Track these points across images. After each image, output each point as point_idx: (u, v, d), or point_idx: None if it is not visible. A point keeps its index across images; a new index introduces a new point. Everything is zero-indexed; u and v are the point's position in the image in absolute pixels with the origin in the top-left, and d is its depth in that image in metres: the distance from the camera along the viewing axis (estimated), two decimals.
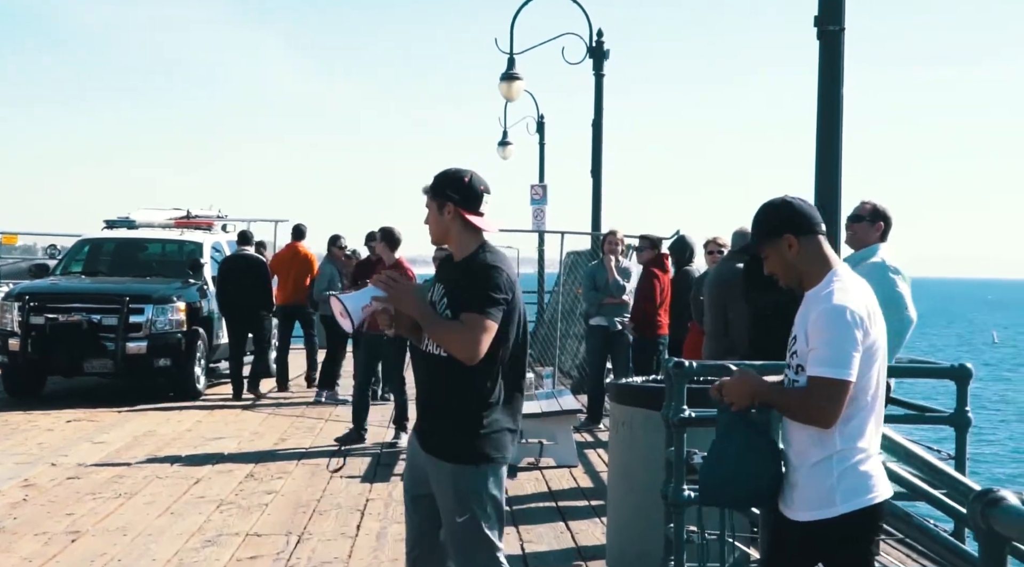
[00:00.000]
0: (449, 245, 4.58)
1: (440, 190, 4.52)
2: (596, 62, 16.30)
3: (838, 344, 3.60)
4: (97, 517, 8.07)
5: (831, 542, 3.71)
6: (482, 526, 4.43)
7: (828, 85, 6.52)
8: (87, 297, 14.31)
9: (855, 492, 3.67)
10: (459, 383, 4.42)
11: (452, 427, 4.45)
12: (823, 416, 3.63)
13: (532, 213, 23.28)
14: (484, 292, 4.34)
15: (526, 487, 9.43)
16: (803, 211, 3.81)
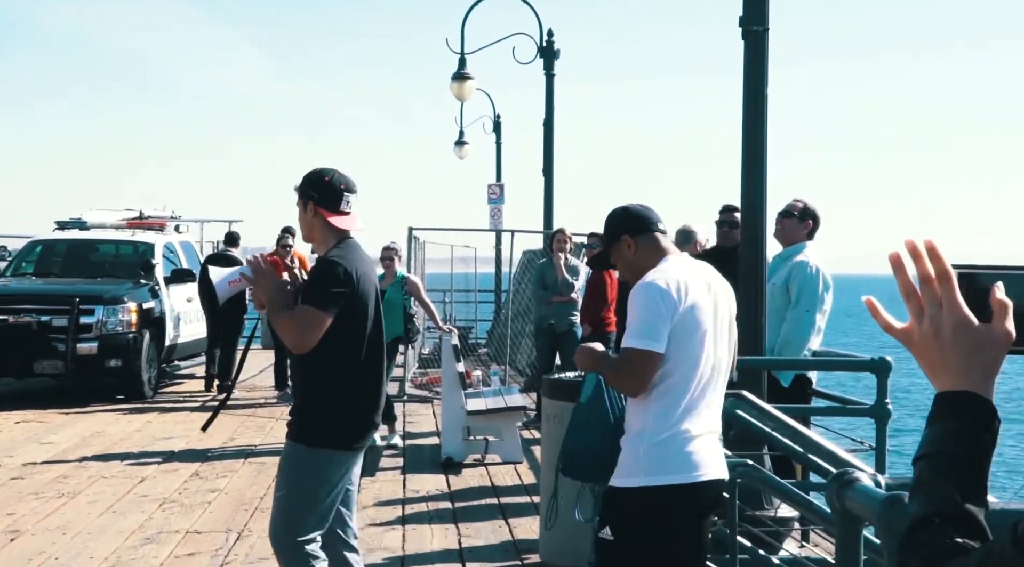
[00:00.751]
0: (314, 243, 4.84)
1: (303, 189, 4.73)
2: (547, 62, 16.42)
3: (641, 317, 3.80)
4: (38, 516, 8.10)
5: (630, 512, 3.86)
6: (294, 504, 4.62)
7: (753, 84, 6.62)
8: (37, 298, 14.29)
9: (661, 468, 3.80)
10: (306, 369, 4.71)
11: (296, 407, 4.76)
12: (629, 384, 3.85)
13: (489, 212, 23.36)
14: (320, 285, 4.60)
15: (470, 482, 9.52)
16: (637, 214, 4.11)
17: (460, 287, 25.67)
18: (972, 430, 1.40)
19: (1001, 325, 1.42)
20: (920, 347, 1.46)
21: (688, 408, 3.84)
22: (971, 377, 1.41)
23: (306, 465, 4.65)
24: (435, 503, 8.76)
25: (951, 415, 1.42)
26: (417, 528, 7.92)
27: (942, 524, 1.37)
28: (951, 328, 1.42)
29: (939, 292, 1.44)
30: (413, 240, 17.00)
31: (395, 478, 9.73)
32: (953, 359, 1.42)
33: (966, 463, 1.40)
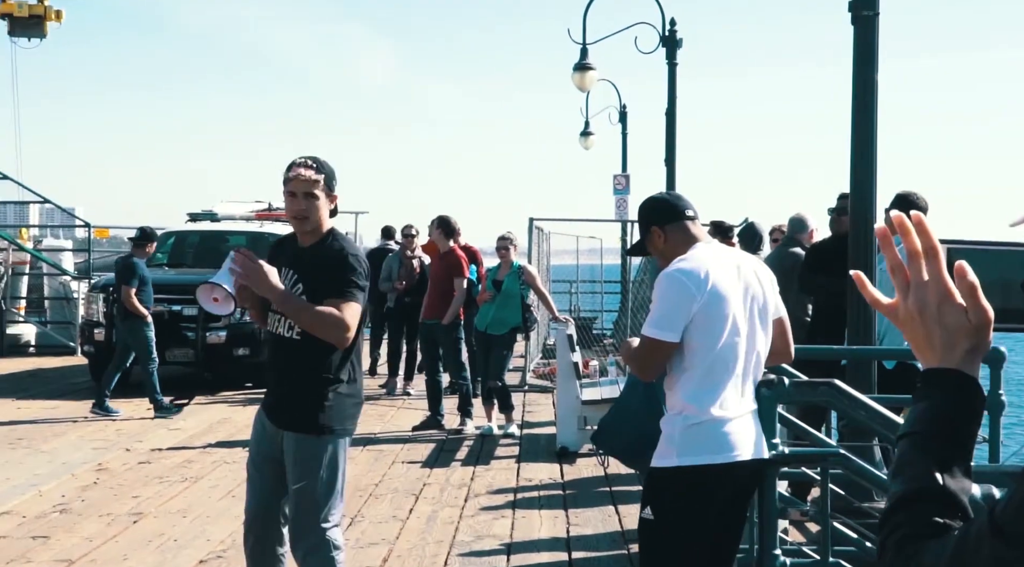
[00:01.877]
0: (311, 232, 4.68)
1: (330, 182, 4.69)
2: (669, 51, 16.25)
3: (659, 306, 3.89)
4: (161, 500, 8.35)
5: (667, 492, 3.94)
6: (317, 490, 4.64)
7: (862, 69, 6.50)
8: (169, 288, 14.66)
9: (696, 449, 3.88)
10: (308, 362, 4.64)
11: (300, 402, 4.66)
12: (640, 370, 4.01)
13: (615, 203, 23.29)
14: (351, 279, 4.56)
15: (583, 472, 9.53)
16: (664, 204, 4.18)
17: (586, 278, 25.66)
18: (956, 408, 1.39)
19: (976, 303, 1.39)
20: (906, 323, 1.44)
21: (719, 390, 3.91)
22: (956, 354, 1.40)
23: (332, 455, 4.68)
24: (547, 491, 8.79)
25: (936, 393, 1.40)
26: (527, 515, 7.96)
27: (922, 504, 1.35)
28: (936, 304, 1.40)
29: (925, 267, 1.42)
30: (536, 231, 17.05)
31: (509, 466, 9.79)
32: (938, 336, 1.40)
33: (948, 441, 1.38)
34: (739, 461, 3.94)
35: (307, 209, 4.63)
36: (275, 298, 4.52)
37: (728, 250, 4.22)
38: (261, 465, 4.84)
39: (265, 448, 4.82)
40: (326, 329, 4.51)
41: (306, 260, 4.67)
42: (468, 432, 11.41)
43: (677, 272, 3.89)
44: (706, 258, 3.96)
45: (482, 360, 11.52)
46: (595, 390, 10.74)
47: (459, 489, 8.81)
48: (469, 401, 11.60)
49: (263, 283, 4.47)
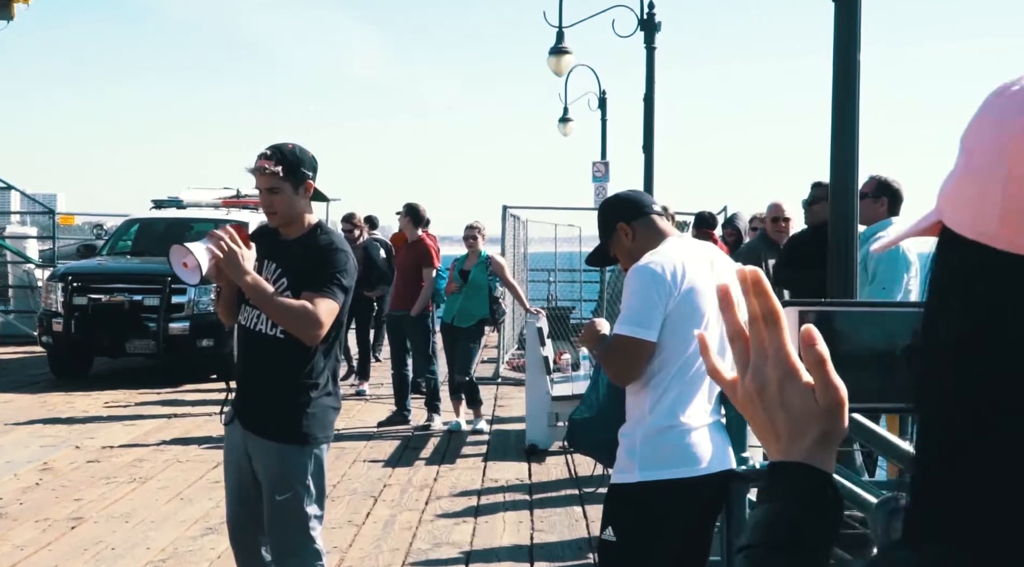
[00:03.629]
0: (289, 224, 4.40)
1: (296, 169, 4.34)
2: (647, 35, 15.81)
3: (633, 302, 3.59)
4: (105, 503, 7.91)
5: (629, 511, 3.64)
6: (303, 503, 4.37)
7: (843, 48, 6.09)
8: (130, 277, 14.24)
9: (658, 462, 3.58)
10: (290, 364, 4.35)
11: (279, 407, 4.35)
12: (616, 371, 3.65)
13: (594, 190, 22.90)
14: (334, 274, 4.30)
15: (552, 472, 9.13)
16: (629, 199, 3.92)
17: (564, 267, 25.25)
18: (803, 512, 1.08)
19: (826, 380, 1.08)
20: (744, 405, 1.14)
21: (687, 397, 3.61)
22: (803, 444, 1.10)
23: (316, 464, 4.41)
24: (512, 493, 8.38)
25: (780, 493, 1.10)
26: (489, 520, 7.55)
27: None
28: (777, 383, 1.10)
29: (765, 337, 1.11)
30: (512, 219, 16.63)
31: (475, 465, 9.38)
32: (782, 422, 1.11)
33: (795, 557, 1.07)
34: (706, 474, 3.61)
35: (272, 204, 4.34)
36: (245, 284, 4.20)
37: (700, 244, 3.92)
38: (238, 474, 4.52)
39: (237, 455, 4.51)
40: (295, 323, 4.22)
41: (291, 253, 4.38)
42: (435, 428, 11.00)
43: (651, 266, 3.60)
44: (678, 251, 3.68)
45: (448, 353, 11.10)
46: (566, 386, 10.32)
47: (420, 491, 8.40)
48: (437, 396, 11.18)
49: (236, 266, 4.15)
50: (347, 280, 4.35)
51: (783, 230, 8.62)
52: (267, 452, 4.38)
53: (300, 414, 4.35)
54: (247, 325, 4.45)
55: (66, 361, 14.38)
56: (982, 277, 0.88)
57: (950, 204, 0.93)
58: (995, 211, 0.85)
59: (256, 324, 4.40)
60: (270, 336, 4.36)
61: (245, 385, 4.53)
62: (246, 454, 4.45)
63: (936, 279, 0.95)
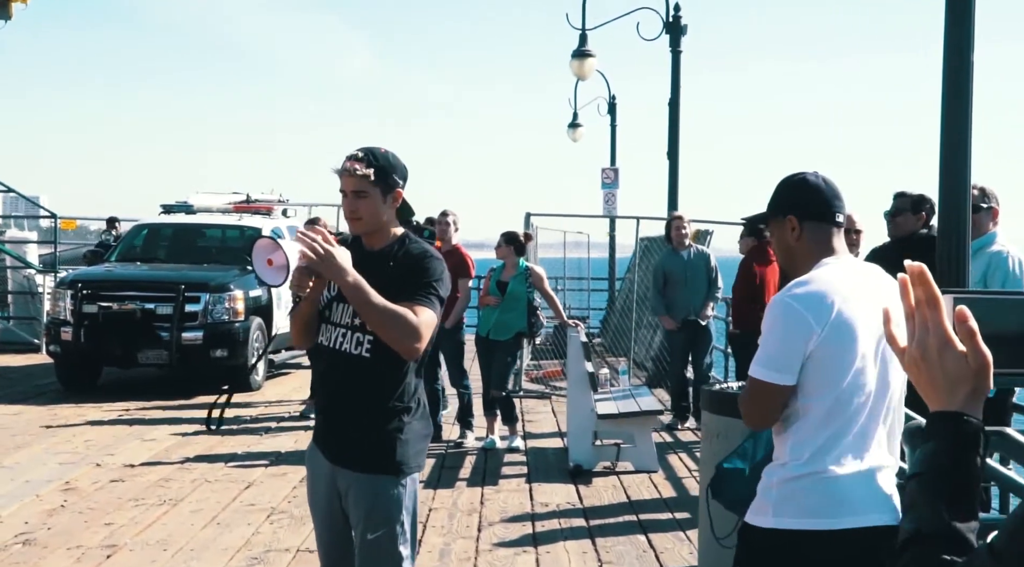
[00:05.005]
0: (373, 234, 4.03)
1: (387, 176, 3.97)
2: (673, 38, 15.40)
3: (770, 340, 3.22)
4: (138, 528, 7.42)
5: (758, 556, 3.29)
6: (397, 542, 3.97)
7: (955, 48, 5.67)
8: (141, 285, 13.75)
9: (793, 509, 3.19)
10: (381, 386, 3.95)
11: (370, 435, 3.95)
12: (747, 416, 3.33)
13: (603, 197, 22.50)
14: (431, 283, 3.92)
15: (603, 495, 8.66)
16: (817, 191, 3.36)
17: (573, 274, 24.80)
18: (959, 449, 1.43)
19: (975, 348, 1.43)
20: (911, 368, 1.49)
21: (836, 441, 3.18)
22: (957, 398, 1.44)
23: (411, 497, 4.01)
24: (567, 519, 7.91)
25: (940, 435, 1.45)
26: (551, 550, 7.09)
27: (930, 541, 1.40)
28: (937, 350, 1.45)
29: (928, 315, 1.45)
30: (531, 227, 16.18)
31: (521, 487, 8.92)
32: (940, 380, 1.45)
33: (953, 482, 1.43)
34: (849, 529, 3.13)
35: (358, 209, 3.93)
36: (347, 285, 3.76)
37: (864, 269, 3.40)
38: (327, 512, 4.10)
39: (324, 489, 4.08)
40: (398, 331, 3.78)
41: (379, 264, 3.94)
42: (469, 445, 10.53)
43: (792, 299, 3.18)
44: (833, 280, 3.22)
45: (484, 368, 10.63)
46: (609, 404, 9.89)
47: (469, 516, 7.93)
48: (470, 411, 10.72)
49: (336, 266, 3.73)
50: (443, 291, 3.96)
51: (854, 242, 8.20)
52: (359, 486, 3.96)
53: (393, 441, 3.94)
54: (330, 346, 4.01)
55: (74, 371, 13.87)
56: None
57: None
58: None
59: (340, 344, 3.98)
60: (355, 356, 3.94)
61: (330, 413, 4.09)
62: (335, 490, 4.03)
63: None
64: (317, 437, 4.11)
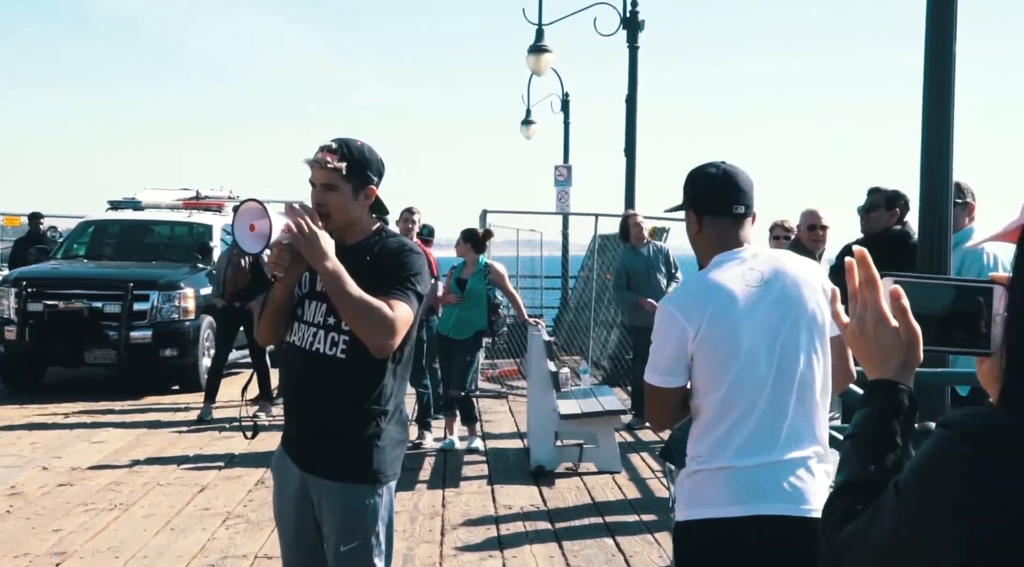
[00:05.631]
0: (345, 229, 3.79)
1: (361, 171, 3.75)
2: (630, 33, 15.27)
3: (654, 347, 3.31)
4: (88, 534, 7.14)
5: (680, 549, 3.37)
6: (372, 555, 3.75)
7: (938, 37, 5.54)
8: (88, 283, 13.41)
9: (693, 502, 3.27)
10: (356, 389, 3.72)
11: (344, 441, 3.73)
12: (649, 418, 3.53)
13: (556, 195, 22.33)
14: (408, 277, 3.70)
15: (567, 497, 8.47)
16: (712, 187, 3.35)
17: (526, 273, 24.61)
18: (890, 413, 1.60)
19: (906, 323, 1.58)
20: (851, 341, 1.66)
21: (730, 436, 3.22)
22: (890, 367, 1.61)
23: (387, 507, 3.80)
24: (532, 522, 7.71)
25: (874, 400, 1.62)
26: (518, 555, 6.89)
27: (857, 491, 1.55)
28: (872, 325, 1.61)
29: (867, 295, 1.62)
30: (486, 224, 15.99)
31: (482, 489, 8.71)
32: (875, 352, 1.62)
33: (881, 441, 1.59)
34: (748, 516, 3.17)
35: (326, 203, 3.69)
36: (325, 271, 3.55)
37: (767, 256, 3.36)
38: (296, 523, 3.86)
39: (294, 498, 3.84)
40: (372, 326, 3.57)
41: (354, 259, 3.68)
42: (427, 446, 10.31)
43: (668, 303, 3.31)
44: (713, 278, 3.27)
45: (444, 367, 10.41)
46: (571, 403, 9.71)
47: (431, 519, 7.72)
48: (429, 412, 10.51)
49: (318, 248, 3.53)
50: (422, 286, 3.73)
51: (820, 238, 8.08)
52: (333, 495, 3.74)
53: (369, 448, 3.72)
54: (302, 345, 3.78)
55: (19, 371, 13.50)
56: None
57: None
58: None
59: (313, 344, 3.75)
60: (329, 357, 3.71)
61: (302, 418, 3.85)
62: (307, 499, 3.80)
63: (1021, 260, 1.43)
64: (286, 443, 3.89)
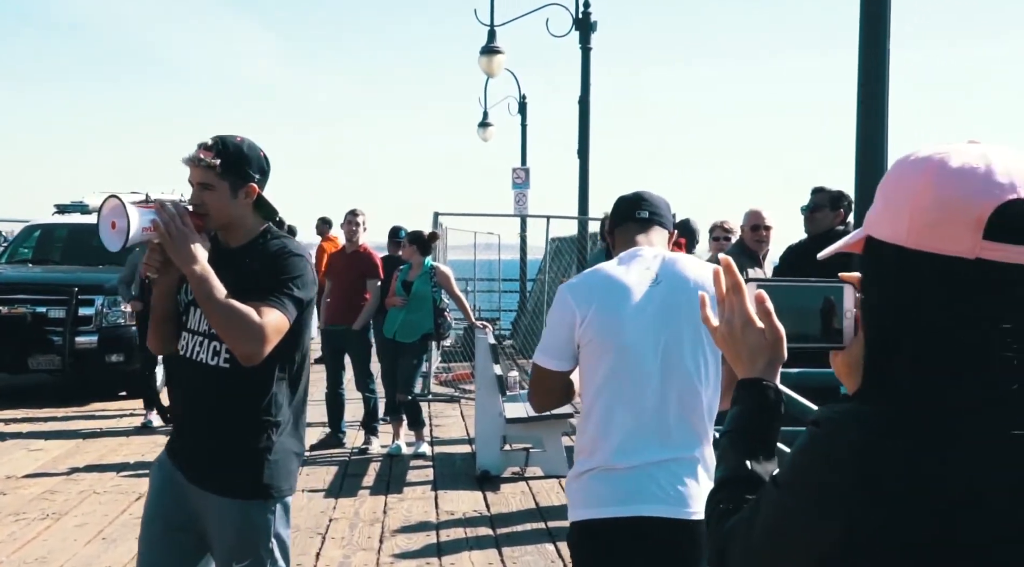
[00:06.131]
0: (227, 230, 3.63)
1: (238, 168, 3.58)
2: (583, 35, 15.20)
3: (546, 328, 3.40)
4: (16, 544, 6.97)
5: (572, 548, 3.39)
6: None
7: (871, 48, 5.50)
8: (32, 287, 13.18)
9: (582, 501, 3.29)
10: (245, 400, 3.55)
11: (232, 455, 3.55)
12: (531, 398, 3.51)
13: (514, 197, 22.24)
14: (286, 282, 3.51)
15: (511, 502, 8.36)
16: (618, 203, 3.62)
17: (483, 275, 24.50)
18: (760, 409, 1.68)
19: (770, 325, 1.67)
20: (721, 343, 1.73)
21: (615, 432, 3.23)
22: (757, 366, 1.68)
23: (282, 523, 3.61)
24: (473, 527, 7.60)
25: (742, 398, 1.70)
26: (455, 562, 6.77)
27: (735, 485, 1.64)
28: (740, 328, 1.69)
29: (733, 300, 1.70)
30: (439, 227, 15.86)
31: (426, 495, 8.58)
32: (744, 353, 1.69)
33: (754, 435, 1.68)
34: (621, 518, 3.18)
35: (203, 203, 3.52)
36: (193, 274, 3.37)
37: (664, 257, 3.39)
38: (164, 536, 3.64)
39: (171, 512, 3.63)
40: (238, 334, 3.38)
41: (235, 263, 3.53)
42: (374, 451, 10.17)
43: (564, 287, 3.39)
44: (608, 270, 3.36)
45: (389, 370, 10.27)
46: (518, 405, 9.59)
47: (371, 526, 7.58)
48: (376, 417, 10.36)
49: (183, 249, 3.36)
50: (303, 291, 3.53)
51: (764, 239, 7.99)
52: (223, 512, 3.56)
53: (261, 462, 3.55)
54: (187, 355, 3.60)
55: None
56: (896, 260, 1.48)
57: (875, 225, 1.52)
58: (905, 227, 1.45)
59: (197, 353, 3.57)
60: (212, 367, 3.54)
61: (188, 430, 3.67)
62: (187, 511, 3.61)
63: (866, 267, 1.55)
64: (173, 453, 3.69)
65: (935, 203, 1.43)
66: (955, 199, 1.42)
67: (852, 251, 1.59)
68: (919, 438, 1.41)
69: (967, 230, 1.41)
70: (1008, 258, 1.41)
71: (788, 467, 1.50)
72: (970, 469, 1.40)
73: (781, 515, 1.49)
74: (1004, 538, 1.40)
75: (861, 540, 1.42)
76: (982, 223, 1.41)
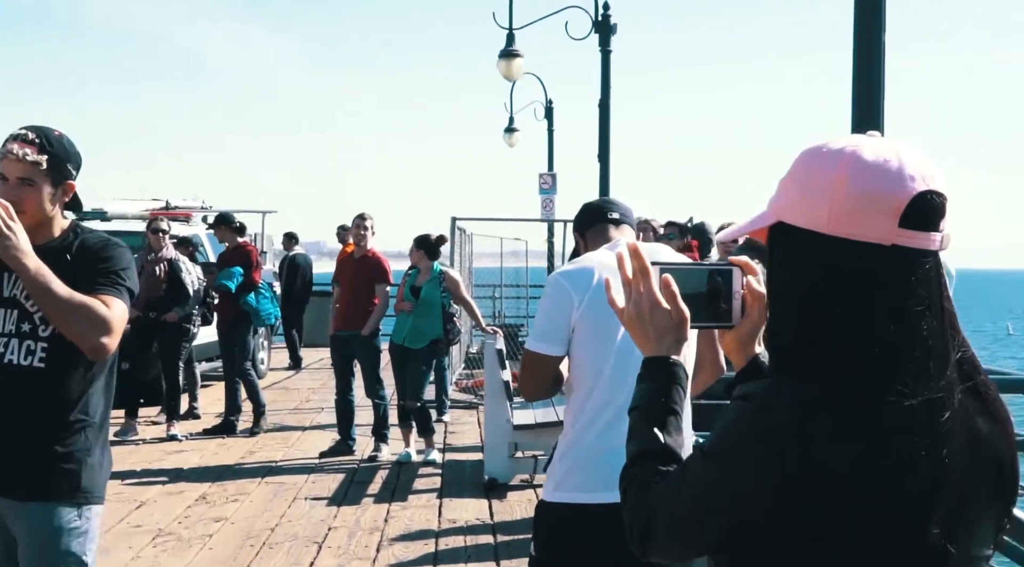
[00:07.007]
0: (36, 228, 3.34)
1: (62, 165, 3.38)
2: (602, 37, 14.98)
3: (539, 315, 3.45)
4: None
5: (544, 529, 3.42)
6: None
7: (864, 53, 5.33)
8: None
9: (569, 484, 3.33)
10: (58, 400, 3.31)
11: (45, 459, 3.30)
12: (522, 386, 3.55)
13: (541, 203, 22.11)
14: (118, 271, 3.32)
15: (516, 510, 8.19)
16: (585, 209, 3.80)
17: (510, 282, 24.34)
18: (667, 385, 1.78)
19: (676, 306, 1.79)
20: (628, 324, 1.83)
21: (605, 415, 3.30)
22: (664, 345, 1.80)
23: (95, 532, 3.41)
24: (473, 536, 7.44)
25: (651, 375, 1.80)
26: None
27: (648, 458, 1.72)
28: (648, 309, 1.80)
29: (640, 283, 1.81)
30: (458, 232, 15.74)
31: (430, 503, 8.43)
32: (651, 333, 1.80)
33: (662, 411, 1.76)
34: (610, 504, 3.07)
35: (22, 200, 3.28)
36: (26, 271, 3.15)
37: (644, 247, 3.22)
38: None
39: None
40: (87, 326, 3.18)
41: (49, 260, 3.24)
42: (383, 459, 10.04)
43: (558, 275, 3.46)
44: (599, 257, 3.44)
45: (398, 377, 10.13)
46: (527, 413, 9.43)
47: (370, 535, 7.44)
48: (386, 424, 10.22)
49: (13, 245, 3.13)
50: (131, 282, 3.35)
51: None
52: (29, 517, 3.31)
53: (77, 464, 3.32)
54: None
55: None
56: (813, 244, 1.57)
57: (788, 211, 1.61)
58: (824, 214, 1.55)
59: (4, 355, 3.31)
60: (25, 367, 3.29)
61: None
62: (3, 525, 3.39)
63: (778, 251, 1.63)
64: None
65: (855, 193, 1.55)
66: (875, 190, 1.54)
67: (755, 237, 1.69)
68: (843, 414, 1.51)
69: (886, 218, 1.54)
70: (918, 244, 1.55)
71: (716, 438, 1.61)
72: (893, 443, 1.50)
73: (708, 484, 1.59)
74: (923, 511, 1.52)
75: (786, 511, 1.51)
76: (899, 212, 1.54)
